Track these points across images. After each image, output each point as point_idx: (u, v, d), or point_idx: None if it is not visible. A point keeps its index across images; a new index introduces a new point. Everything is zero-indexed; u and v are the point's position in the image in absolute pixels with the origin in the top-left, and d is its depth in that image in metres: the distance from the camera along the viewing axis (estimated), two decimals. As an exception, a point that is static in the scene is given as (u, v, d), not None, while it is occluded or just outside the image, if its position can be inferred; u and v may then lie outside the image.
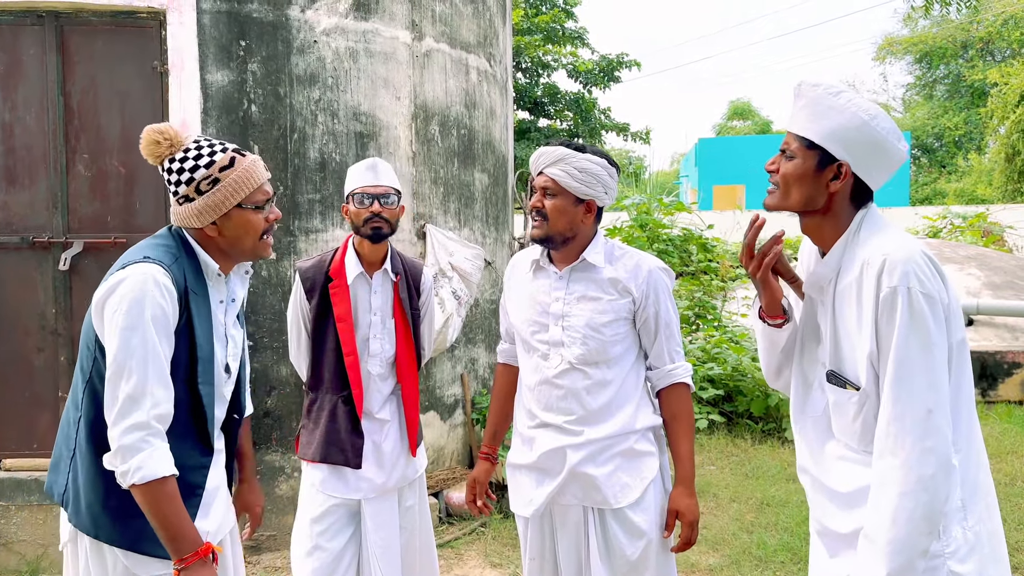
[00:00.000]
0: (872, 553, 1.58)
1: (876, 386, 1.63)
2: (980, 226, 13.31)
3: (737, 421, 6.51)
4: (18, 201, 4.00)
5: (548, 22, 16.45)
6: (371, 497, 2.65)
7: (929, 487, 1.53)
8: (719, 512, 4.73)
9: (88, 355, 1.81)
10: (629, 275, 2.29)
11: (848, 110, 1.65)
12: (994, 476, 5.79)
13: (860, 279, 1.63)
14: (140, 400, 1.68)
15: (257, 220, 1.89)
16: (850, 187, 1.70)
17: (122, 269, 1.78)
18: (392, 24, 4.38)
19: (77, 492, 1.81)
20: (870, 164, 1.67)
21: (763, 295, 1.86)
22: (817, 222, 1.74)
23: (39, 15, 3.93)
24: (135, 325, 1.69)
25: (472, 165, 4.95)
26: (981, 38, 30.70)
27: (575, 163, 2.21)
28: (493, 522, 4.47)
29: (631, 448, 2.28)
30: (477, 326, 5.02)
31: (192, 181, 1.82)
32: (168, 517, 1.69)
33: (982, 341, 7.68)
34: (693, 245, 9.92)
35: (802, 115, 1.71)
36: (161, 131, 1.83)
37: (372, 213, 2.58)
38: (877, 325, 1.59)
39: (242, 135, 4.01)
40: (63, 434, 1.88)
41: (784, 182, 1.72)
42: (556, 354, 2.29)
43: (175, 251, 1.85)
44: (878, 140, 1.65)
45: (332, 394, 2.68)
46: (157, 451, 1.68)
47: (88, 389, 1.80)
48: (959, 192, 27.32)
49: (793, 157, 1.71)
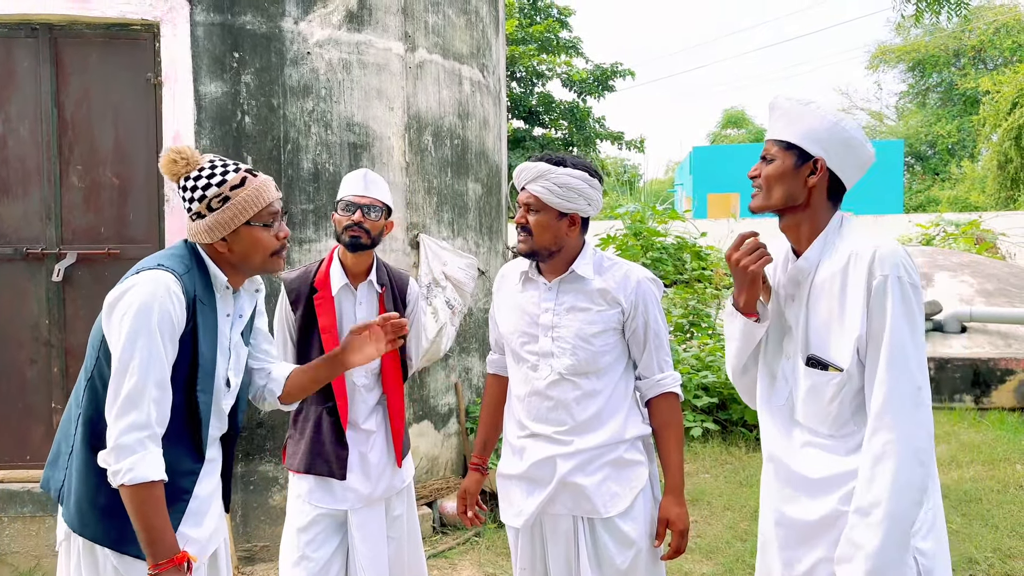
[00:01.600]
0: (866, 527, 1.68)
1: (858, 368, 1.78)
2: (973, 233, 13.37)
3: (731, 429, 6.52)
4: (11, 212, 4.01)
5: (543, 32, 16.53)
6: (357, 507, 2.66)
7: (923, 459, 1.68)
8: (713, 520, 4.73)
9: (93, 355, 1.87)
10: (618, 286, 2.30)
11: (818, 114, 1.84)
12: (988, 483, 5.76)
13: (846, 270, 1.79)
14: (139, 401, 1.73)
15: (266, 237, 1.96)
16: (826, 183, 1.86)
17: (135, 275, 1.85)
18: (385, 36, 4.40)
19: (71, 488, 1.86)
20: (842, 160, 1.84)
21: (748, 292, 1.94)
22: (797, 219, 1.89)
23: (33, 27, 3.95)
24: (141, 328, 1.76)
25: (465, 175, 4.97)
26: (973, 46, 30.91)
27: (555, 179, 2.22)
28: (487, 532, 4.47)
29: (620, 457, 2.28)
30: (471, 335, 5.03)
31: (204, 198, 1.91)
32: (150, 520, 1.74)
33: (975, 348, 7.71)
34: (687, 253, 9.95)
35: (779, 123, 1.89)
36: (179, 151, 1.92)
37: (352, 222, 2.60)
38: (869, 310, 1.74)
39: (235, 146, 4.03)
40: (63, 430, 1.94)
41: (767, 182, 1.89)
42: (546, 365, 2.30)
43: (188, 262, 1.93)
44: (847, 138, 1.83)
45: (317, 405, 2.69)
46: (150, 455, 1.74)
47: (89, 388, 1.86)
48: (952, 199, 27.45)
49: (773, 159, 1.88)
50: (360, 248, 2.62)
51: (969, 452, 6.00)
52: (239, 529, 4.03)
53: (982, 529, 4.43)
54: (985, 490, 5.10)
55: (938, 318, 7.96)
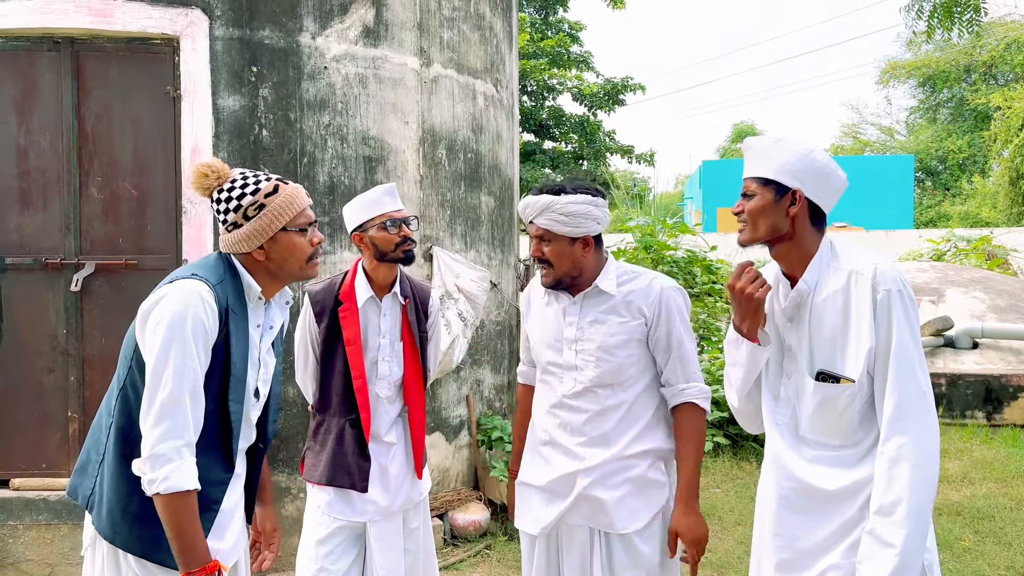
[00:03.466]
0: (890, 524, 1.78)
1: (867, 378, 1.88)
2: (984, 249, 13.31)
3: (742, 444, 6.51)
4: (31, 223, 4.06)
5: (554, 46, 16.62)
6: (376, 519, 2.67)
7: (935, 459, 1.80)
8: (724, 535, 4.72)
9: (125, 364, 1.89)
10: (641, 295, 2.33)
11: (790, 149, 1.96)
12: (1000, 500, 5.73)
13: (847, 288, 1.90)
14: (173, 410, 1.75)
15: (302, 242, 2.00)
16: (807, 211, 1.97)
17: (169, 284, 1.88)
18: (401, 51, 4.46)
19: (102, 496, 1.88)
20: (818, 188, 1.96)
21: (752, 319, 2.02)
22: (786, 248, 2.00)
23: (55, 41, 4.01)
24: (176, 337, 1.77)
25: (478, 188, 5.00)
26: (984, 62, 30.86)
27: (560, 209, 2.27)
28: (498, 544, 4.47)
29: (644, 476, 2.31)
30: (483, 348, 5.05)
31: (240, 208, 1.94)
32: (184, 529, 1.76)
33: (987, 364, 7.68)
34: (697, 267, 9.94)
35: (754, 162, 2.01)
36: (209, 165, 1.96)
37: (404, 237, 2.64)
38: (876, 322, 1.85)
39: (253, 159, 4.08)
40: (93, 439, 1.96)
41: (751, 217, 2.00)
42: (570, 377, 2.34)
43: (221, 273, 1.95)
44: (818, 167, 1.95)
45: (340, 417, 2.70)
46: (185, 463, 1.76)
47: (121, 397, 1.88)
48: (963, 215, 27.34)
49: (754, 195, 2.00)
50: (413, 260, 2.69)
51: (981, 469, 5.97)
52: (251, 539, 4.05)
53: (995, 547, 4.41)
54: (998, 507, 5.07)
55: (950, 334, 7.92)
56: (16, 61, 4.03)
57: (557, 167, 17.08)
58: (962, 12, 6.18)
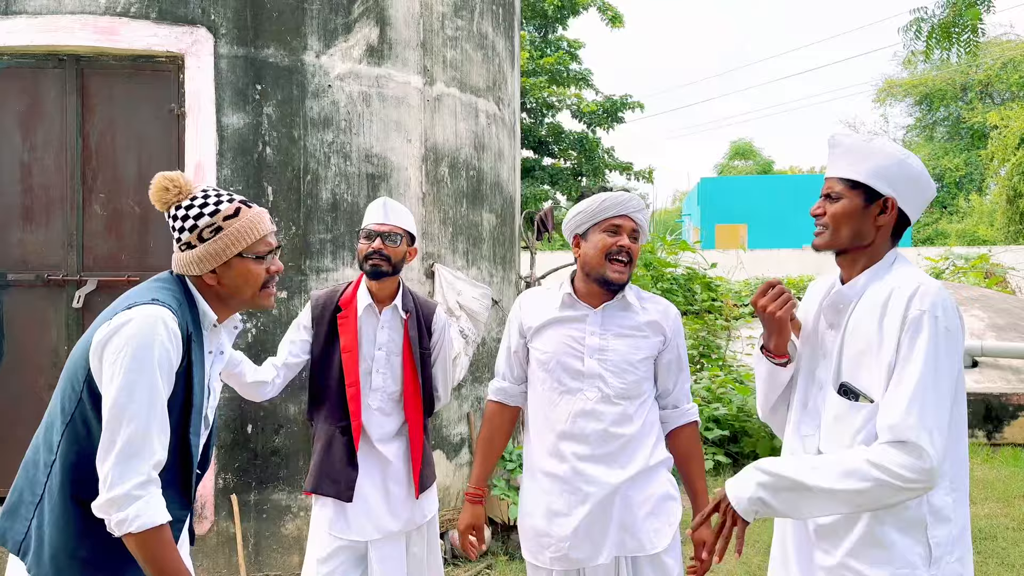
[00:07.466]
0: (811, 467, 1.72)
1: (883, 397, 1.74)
2: (983, 267, 13.34)
3: (743, 462, 6.48)
4: (34, 239, 4.06)
5: (553, 64, 16.70)
6: (377, 539, 2.65)
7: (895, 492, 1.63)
8: (726, 556, 4.69)
9: (73, 396, 1.73)
10: (661, 316, 2.39)
11: (885, 151, 1.81)
12: (1002, 520, 5.70)
13: (887, 303, 1.75)
14: (140, 448, 1.64)
15: (257, 270, 1.89)
16: (894, 222, 1.84)
17: (128, 310, 1.72)
18: (404, 69, 4.48)
19: (41, 540, 1.71)
20: (910, 198, 1.82)
21: (777, 336, 1.95)
22: (857, 257, 1.87)
23: (60, 58, 4.03)
24: (141, 369, 1.65)
25: (480, 205, 5.02)
26: (981, 81, 31.07)
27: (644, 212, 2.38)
28: (499, 563, 4.45)
29: (664, 493, 2.34)
30: (484, 365, 5.04)
31: (195, 228, 1.83)
32: (164, 564, 1.66)
33: (987, 383, 7.67)
34: (697, 284, 9.96)
35: (842, 161, 1.85)
36: (171, 178, 1.84)
37: (373, 250, 2.64)
38: (899, 341, 1.70)
39: (256, 177, 4.09)
40: (26, 477, 1.78)
41: (834, 221, 1.85)
42: (593, 386, 2.32)
43: (180, 296, 1.83)
44: (915, 175, 1.81)
45: (330, 424, 2.69)
46: (154, 499, 1.65)
47: (69, 431, 1.72)
48: (961, 233, 27.43)
49: (840, 198, 1.84)
50: (381, 276, 2.66)
51: (983, 489, 5.95)
52: (252, 558, 4.02)
53: (998, 568, 4.39)
54: (1000, 527, 5.06)
55: (949, 352, 7.92)
56: (21, 78, 4.05)
57: (556, 183, 17.13)
58: (960, 33, 6.23)
